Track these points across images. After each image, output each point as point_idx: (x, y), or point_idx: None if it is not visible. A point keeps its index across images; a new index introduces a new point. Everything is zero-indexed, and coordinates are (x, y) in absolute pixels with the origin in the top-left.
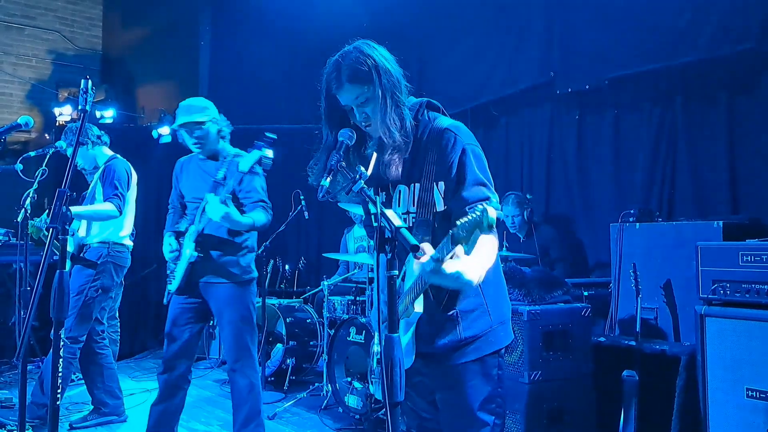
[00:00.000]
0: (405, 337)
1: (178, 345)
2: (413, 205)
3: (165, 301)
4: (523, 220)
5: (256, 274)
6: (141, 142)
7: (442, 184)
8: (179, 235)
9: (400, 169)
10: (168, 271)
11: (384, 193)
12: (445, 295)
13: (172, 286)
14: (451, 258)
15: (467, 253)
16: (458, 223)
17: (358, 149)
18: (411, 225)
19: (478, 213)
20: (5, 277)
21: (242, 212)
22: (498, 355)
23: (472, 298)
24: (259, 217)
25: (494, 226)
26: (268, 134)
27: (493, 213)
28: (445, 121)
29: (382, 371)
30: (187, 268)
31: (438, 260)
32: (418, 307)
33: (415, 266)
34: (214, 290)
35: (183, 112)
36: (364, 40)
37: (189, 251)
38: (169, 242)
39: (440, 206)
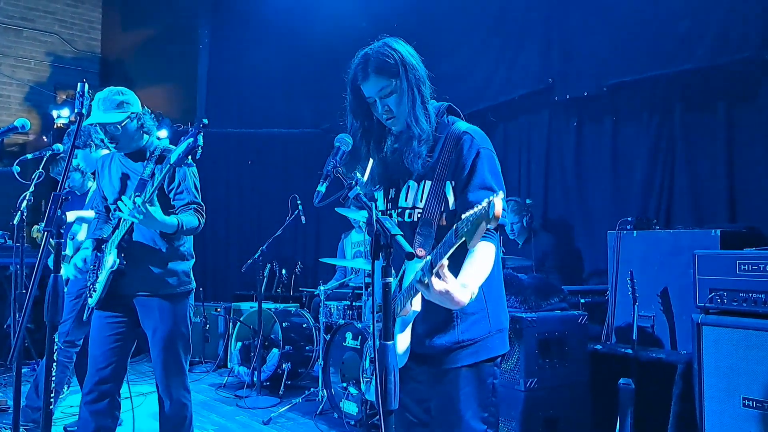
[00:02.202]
0: (401, 334)
1: (106, 368)
2: (421, 201)
3: (85, 317)
4: (522, 227)
5: (193, 285)
6: None
7: (453, 182)
8: (102, 243)
9: (420, 162)
10: (88, 284)
11: (393, 189)
12: None
13: (92, 300)
14: (440, 272)
15: (470, 246)
16: (463, 216)
17: (378, 147)
18: (416, 221)
19: (485, 205)
20: (2, 280)
21: (171, 214)
22: (494, 363)
23: (474, 301)
24: (189, 219)
25: (499, 219)
26: (204, 120)
27: (499, 205)
28: (463, 125)
29: (376, 379)
30: (108, 278)
31: (430, 268)
32: (416, 304)
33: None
34: (143, 304)
35: (98, 107)
36: (393, 37)
37: (113, 258)
38: (83, 254)
39: (452, 205)
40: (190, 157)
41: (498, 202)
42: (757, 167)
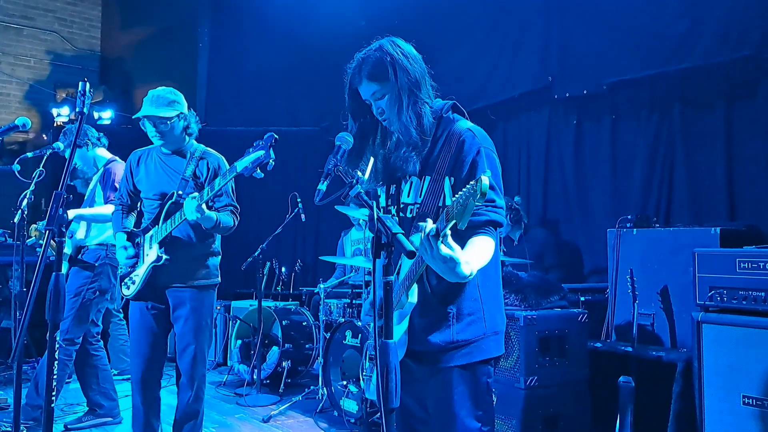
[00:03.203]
0: (398, 327)
1: (153, 356)
2: (420, 197)
3: (118, 306)
4: (508, 224)
5: (219, 279)
6: (139, 144)
7: (452, 179)
8: (130, 236)
9: (417, 164)
10: (119, 275)
11: (394, 186)
12: (444, 285)
13: (130, 291)
14: (446, 240)
15: (461, 225)
16: (453, 199)
17: (384, 144)
18: (414, 216)
19: (473, 183)
20: (2, 279)
21: None
22: (488, 364)
23: (471, 302)
24: (226, 219)
25: (486, 195)
26: (273, 134)
27: (486, 182)
28: (466, 123)
29: (377, 377)
30: (149, 272)
31: (436, 235)
32: (412, 297)
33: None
34: (175, 295)
35: (150, 102)
36: (390, 37)
37: (156, 252)
38: (123, 245)
39: (449, 200)
40: (259, 168)
41: (485, 179)
42: (756, 165)
